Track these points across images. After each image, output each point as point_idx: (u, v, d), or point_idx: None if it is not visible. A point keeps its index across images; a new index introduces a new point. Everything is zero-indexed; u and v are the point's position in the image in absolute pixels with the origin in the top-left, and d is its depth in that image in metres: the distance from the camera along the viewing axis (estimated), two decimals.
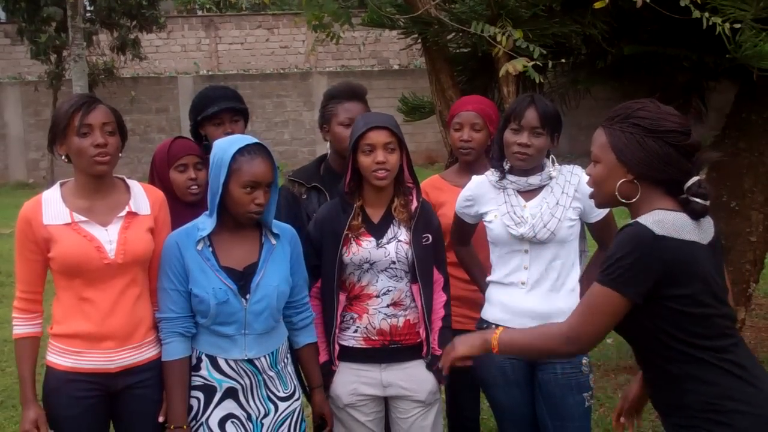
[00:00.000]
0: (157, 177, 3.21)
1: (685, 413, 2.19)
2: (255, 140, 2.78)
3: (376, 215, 3.04)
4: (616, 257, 2.13)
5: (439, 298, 3.09)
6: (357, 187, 3.03)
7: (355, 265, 2.99)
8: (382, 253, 2.98)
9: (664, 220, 2.14)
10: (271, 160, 2.77)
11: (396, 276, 3.01)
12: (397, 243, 2.99)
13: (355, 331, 3.04)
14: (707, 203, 2.20)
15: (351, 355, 3.06)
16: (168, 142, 3.25)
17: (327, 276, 3.01)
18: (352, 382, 3.05)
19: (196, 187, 3.16)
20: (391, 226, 3.02)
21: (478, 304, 3.19)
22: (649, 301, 2.14)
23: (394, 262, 2.99)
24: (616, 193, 2.25)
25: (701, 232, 2.20)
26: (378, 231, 3.01)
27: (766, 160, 4.89)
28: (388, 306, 3.01)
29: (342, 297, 3.02)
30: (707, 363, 2.16)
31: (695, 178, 2.21)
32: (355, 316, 3.03)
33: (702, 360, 2.16)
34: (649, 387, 2.37)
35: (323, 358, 3.05)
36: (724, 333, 2.20)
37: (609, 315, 2.17)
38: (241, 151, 2.71)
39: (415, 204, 3.03)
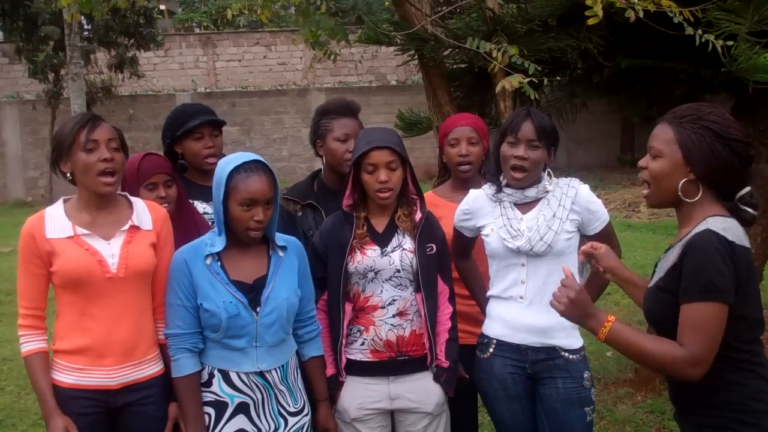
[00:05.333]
0: (128, 193, 3.18)
1: (715, 413, 2.23)
2: (253, 157, 2.79)
3: (380, 225, 3.07)
4: (709, 269, 2.12)
5: (446, 310, 3.09)
6: (360, 200, 3.06)
7: (360, 274, 3.00)
8: (386, 261, 3.00)
9: (730, 227, 2.18)
10: (271, 176, 2.78)
11: (401, 285, 3.02)
12: (402, 251, 3.01)
13: (362, 344, 3.04)
14: (756, 213, 2.27)
15: (358, 368, 3.06)
16: (137, 159, 3.19)
17: (333, 286, 3.03)
18: (360, 396, 3.05)
19: (166, 204, 3.13)
20: (396, 235, 3.05)
21: (479, 320, 3.19)
22: None
23: (398, 271, 3.00)
24: (679, 192, 2.27)
25: (747, 238, 2.25)
26: (382, 240, 3.03)
27: (764, 171, 4.90)
28: (393, 316, 3.01)
29: (348, 308, 3.03)
30: (742, 366, 2.22)
31: (748, 188, 2.27)
32: (362, 328, 3.04)
33: (739, 362, 2.21)
34: (673, 385, 2.39)
35: (330, 371, 3.05)
36: (757, 339, 2.27)
37: (721, 328, 2.15)
38: (237, 169, 2.72)
39: (419, 215, 3.05)
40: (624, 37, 4.40)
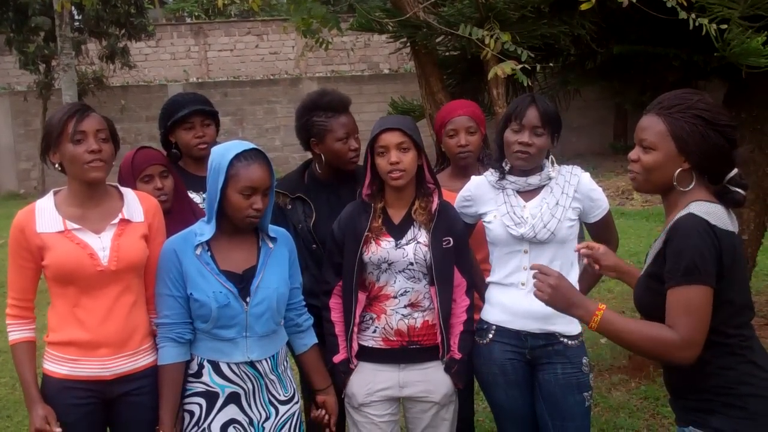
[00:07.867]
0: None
1: (703, 396, 2.25)
2: (252, 146, 2.79)
3: (396, 216, 3.06)
4: (690, 252, 2.13)
5: (462, 302, 3.08)
6: (379, 190, 3.06)
7: (374, 265, 3.01)
8: (400, 253, 2.99)
9: (712, 212, 2.19)
10: (269, 165, 2.78)
11: (414, 277, 3.02)
12: (416, 244, 3.00)
13: (374, 332, 3.06)
14: (745, 193, 2.28)
15: (370, 354, 3.07)
16: (132, 154, 3.21)
17: (347, 274, 3.03)
18: (369, 381, 3.06)
19: (164, 195, 3.14)
20: (411, 227, 3.04)
21: (477, 307, 3.18)
22: None
23: (411, 264, 3.00)
24: (675, 182, 2.27)
25: (733, 223, 2.26)
26: (398, 232, 3.03)
27: (757, 157, 4.91)
28: (405, 307, 3.02)
29: (362, 296, 3.04)
30: (731, 350, 2.22)
31: (735, 170, 2.28)
32: (374, 316, 3.05)
33: (727, 347, 2.22)
34: (666, 370, 2.41)
35: (342, 356, 3.06)
36: (747, 323, 2.27)
37: (708, 310, 2.15)
38: (238, 157, 2.72)
39: (435, 205, 3.04)
40: (617, 23, 4.40)
